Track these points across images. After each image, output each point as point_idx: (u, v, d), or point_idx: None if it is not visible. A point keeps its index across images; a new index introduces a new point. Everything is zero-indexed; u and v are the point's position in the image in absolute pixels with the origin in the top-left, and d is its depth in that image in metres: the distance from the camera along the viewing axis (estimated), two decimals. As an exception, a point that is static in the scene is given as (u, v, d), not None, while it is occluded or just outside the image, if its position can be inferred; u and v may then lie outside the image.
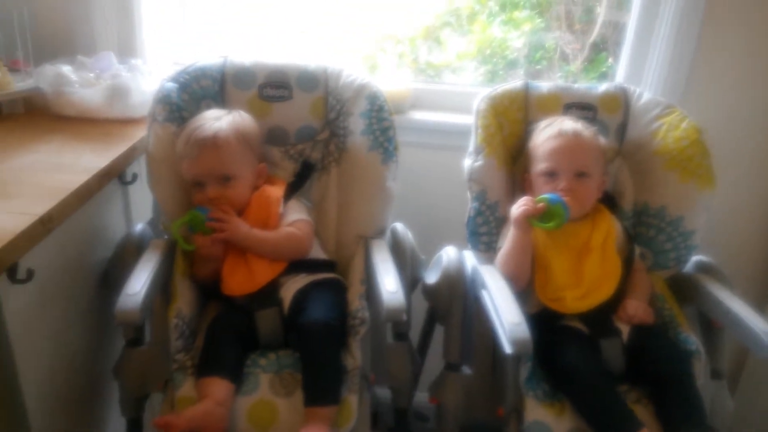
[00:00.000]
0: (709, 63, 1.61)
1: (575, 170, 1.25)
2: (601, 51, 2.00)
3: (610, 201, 1.38)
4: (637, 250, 1.35)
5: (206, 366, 1.11)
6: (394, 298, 1.08)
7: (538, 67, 2.05)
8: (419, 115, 1.71)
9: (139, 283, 1.07)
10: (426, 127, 1.69)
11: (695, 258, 1.36)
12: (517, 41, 1.97)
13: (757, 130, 1.66)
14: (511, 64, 2.01)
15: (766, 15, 1.56)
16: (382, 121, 1.36)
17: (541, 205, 1.20)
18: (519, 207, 1.22)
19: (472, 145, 1.36)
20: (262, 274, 1.20)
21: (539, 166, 1.29)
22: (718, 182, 1.35)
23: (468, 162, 1.35)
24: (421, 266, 1.38)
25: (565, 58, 2.07)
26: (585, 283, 1.24)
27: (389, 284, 1.12)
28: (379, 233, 1.36)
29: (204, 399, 1.04)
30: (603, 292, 1.24)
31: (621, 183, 1.41)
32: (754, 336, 1.09)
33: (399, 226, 1.40)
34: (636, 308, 1.23)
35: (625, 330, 1.22)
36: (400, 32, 1.92)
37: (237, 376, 1.10)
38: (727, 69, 1.61)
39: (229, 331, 1.15)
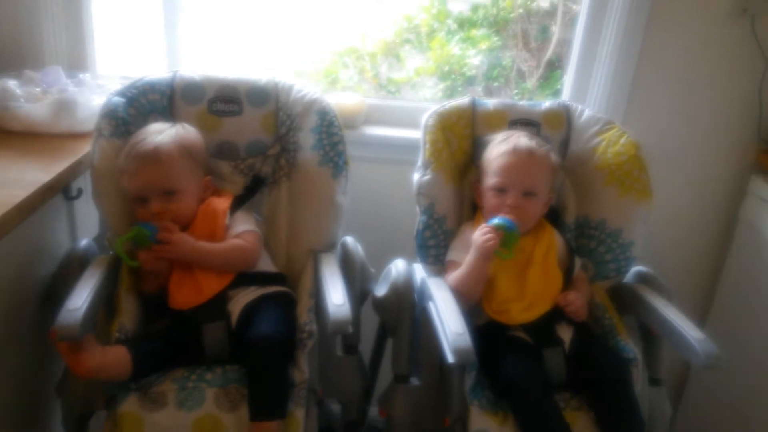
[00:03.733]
0: (650, 80, 1.68)
1: (524, 189, 1.29)
2: (556, 68, 2.07)
3: (553, 214, 1.42)
4: (579, 261, 1.39)
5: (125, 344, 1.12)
6: (340, 311, 1.10)
7: (496, 83, 2.11)
8: (372, 130, 1.74)
9: (80, 299, 1.05)
10: (378, 141, 1.72)
11: (635, 268, 1.42)
12: (474, 59, 2.02)
13: (695, 144, 1.74)
14: (470, 81, 2.06)
15: (703, 33, 1.64)
16: (332, 135, 1.38)
17: (500, 232, 1.21)
18: (485, 239, 1.21)
19: (420, 159, 1.39)
20: (209, 286, 1.20)
21: (490, 180, 1.32)
22: (660, 195, 1.41)
23: (416, 176, 1.38)
24: (371, 279, 1.40)
25: (521, 75, 2.13)
26: (528, 295, 1.27)
27: (336, 297, 1.13)
28: (329, 247, 1.38)
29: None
30: (545, 304, 1.27)
31: (564, 196, 1.45)
32: (688, 343, 1.13)
33: (349, 240, 1.41)
34: (576, 297, 1.27)
35: (567, 339, 1.26)
36: (360, 47, 1.95)
37: (143, 366, 1.11)
38: (666, 86, 1.69)
39: (164, 341, 1.16)
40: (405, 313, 1.29)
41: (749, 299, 1.69)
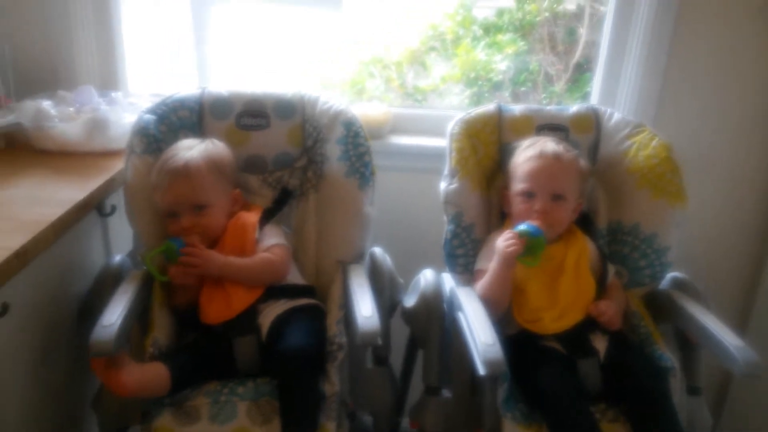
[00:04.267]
0: (680, 80, 1.64)
1: (552, 193, 1.27)
2: (584, 71, 2.03)
3: (585, 220, 1.40)
4: (613, 268, 1.36)
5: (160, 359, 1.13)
6: (369, 323, 1.09)
7: (523, 88, 2.08)
8: (398, 140, 1.74)
9: (114, 315, 1.07)
10: (404, 151, 1.72)
11: (671, 275, 1.38)
12: (501, 64, 2.00)
13: (729, 143, 1.69)
14: (497, 87, 2.04)
15: (732, 30, 1.60)
16: (358, 146, 1.38)
17: (523, 239, 1.20)
18: (507, 245, 1.20)
19: (446, 168, 1.38)
20: (239, 300, 1.21)
21: (518, 185, 1.31)
22: (695, 198, 1.38)
23: (443, 185, 1.37)
24: (401, 290, 1.39)
25: (549, 79, 2.10)
26: (560, 303, 1.25)
27: (365, 309, 1.13)
28: (358, 258, 1.38)
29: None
30: (578, 312, 1.25)
31: (595, 201, 1.43)
32: (726, 351, 1.10)
33: (377, 251, 1.41)
34: (608, 306, 1.24)
35: (601, 348, 1.23)
36: (387, 57, 1.95)
37: (180, 381, 1.12)
38: (697, 85, 1.65)
39: (197, 355, 1.17)
40: (435, 324, 1.28)
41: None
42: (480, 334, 1.08)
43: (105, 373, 1.05)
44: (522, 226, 1.22)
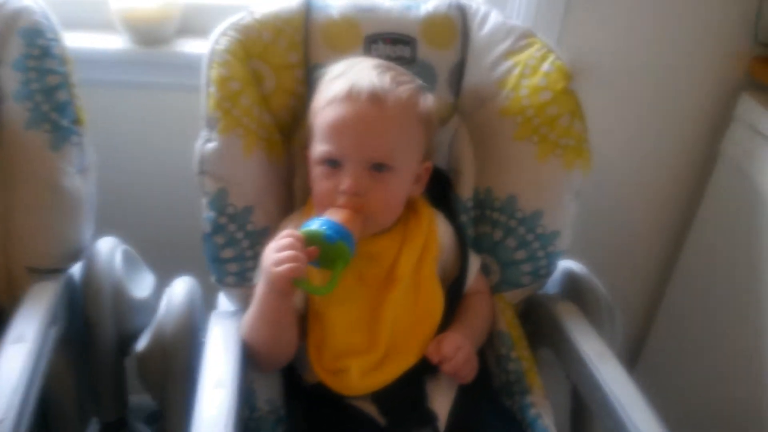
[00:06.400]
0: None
1: (369, 160, 0.75)
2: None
3: (439, 185, 0.90)
4: (478, 261, 0.89)
5: None
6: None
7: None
8: (188, 45, 1.13)
9: None
10: (195, 62, 1.12)
11: (562, 266, 0.93)
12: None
13: (664, 56, 1.16)
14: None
15: None
16: (46, 74, 0.81)
17: (311, 249, 0.69)
18: (277, 260, 0.68)
19: (203, 114, 0.82)
20: None
21: (317, 146, 0.77)
22: (602, 154, 0.90)
23: (197, 144, 0.81)
24: (140, 310, 0.87)
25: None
26: (382, 342, 0.77)
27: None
28: (60, 261, 0.84)
29: None
30: (411, 353, 0.78)
31: (458, 155, 0.92)
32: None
33: (106, 245, 0.87)
34: (456, 344, 0.77)
35: (443, 410, 0.77)
36: None
37: None
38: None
39: None
40: (176, 376, 0.77)
41: (726, 255, 1.21)
42: (207, 404, 0.61)
43: None
44: (314, 224, 0.71)
